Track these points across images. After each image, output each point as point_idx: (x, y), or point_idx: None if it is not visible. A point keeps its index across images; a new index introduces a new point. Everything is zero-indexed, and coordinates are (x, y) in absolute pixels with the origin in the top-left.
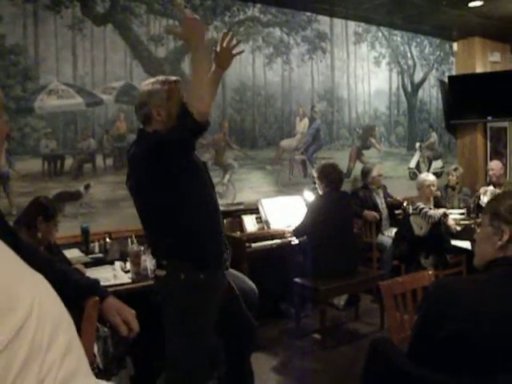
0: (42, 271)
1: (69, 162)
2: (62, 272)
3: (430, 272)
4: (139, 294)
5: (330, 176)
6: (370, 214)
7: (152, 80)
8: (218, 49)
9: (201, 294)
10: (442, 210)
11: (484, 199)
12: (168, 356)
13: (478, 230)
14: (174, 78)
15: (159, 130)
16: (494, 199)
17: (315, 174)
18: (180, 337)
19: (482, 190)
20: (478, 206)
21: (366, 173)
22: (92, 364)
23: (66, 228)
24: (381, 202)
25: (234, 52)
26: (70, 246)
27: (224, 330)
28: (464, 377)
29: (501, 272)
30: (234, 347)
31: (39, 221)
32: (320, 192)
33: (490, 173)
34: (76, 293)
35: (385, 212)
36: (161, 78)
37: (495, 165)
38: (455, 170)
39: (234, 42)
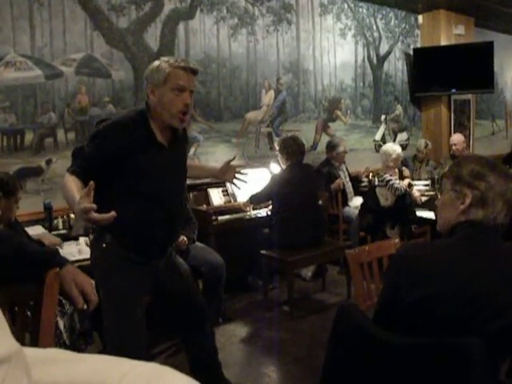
0: None
1: (29, 136)
2: (18, 245)
3: (396, 240)
4: None
5: (291, 149)
6: (335, 183)
7: (166, 58)
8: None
9: (119, 265)
10: (406, 181)
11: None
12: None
13: (440, 196)
14: (184, 63)
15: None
16: (456, 164)
17: (276, 148)
18: (104, 304)
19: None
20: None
21: (332, 147)
22: (58, 340)
23: (28, 204)
24: (344, 175)
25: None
26: (32, 222)
27: (171, 309)
28: (429, 339)
29: (464, 235)
30: (184, 326)
31: None
32: (282, 165)
33: (453, 148)
34: (33, 265)
35: (348, 185)
36: (176, 58)
37: (457, 139)
38: (426, 146)
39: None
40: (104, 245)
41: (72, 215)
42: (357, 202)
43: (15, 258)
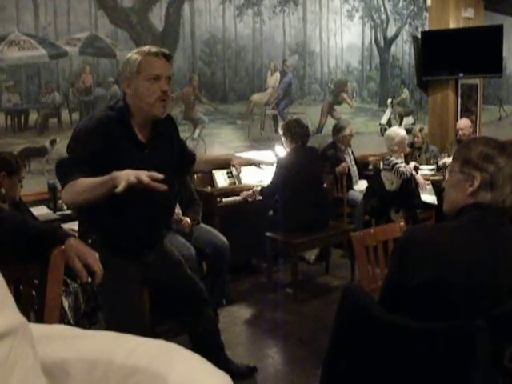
0: None
1: (33, 116)
2: (20, 224)
3: (402, 223)
4: None
5: (295, 130)
6: (340, 167)
7: (140, 48)
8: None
9: (106, 260)
10: (412, 164)
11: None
12: None
13: (447, 177)
14: (155, 49)
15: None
16: (464, 146)
17: (280, 132)
18: (100, 299)
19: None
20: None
21: (338, 129)
22: (63, 319)
23: (32, 185)
24: (349, 158)
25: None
26: (37, 203)
27: (168, 298)
28: (434, 323)
29: (472, 218)
30: (184, 312)
31: (2, 176)
32: (287, 149)
33: (460, 133)
34: (36, 242)
35: (354, 169)
36: (147, 47)
37: (464, 124)
38: (420, 130)
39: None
40: (90, 241)
41: None
42: (362, 185)
43: (17, 236)
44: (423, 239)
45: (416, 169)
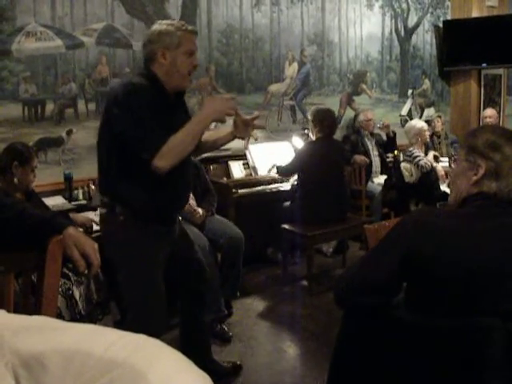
0: None
1: (50, 107)
2: (20, 211)
3: None
4: None
5: (326, 121)
6: (359, 157)
7: (168, 21)
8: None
9: (141, 236)
10: (431, 154)
11: None
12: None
13: (453, 166)
14: (191, 27)
15: (156, 77)
16: (471, 133)
17: (310, 117)
18: (126, 278)
19: None
20: None
21: (355, 115)
22: (73, 309)
23: (48, 175)
24: (372, 148)
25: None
26: (53, 193)
27: (174, 278)
28: (445, 320)
29: (477, 208)
30: (187, 293)
31: (14, 166)
32: (312, 137)
33: (487, 120)
34: (34, 229)
35: (376, 159)
36: (178, 22)
37: (491, 113)
38: (439, 117)
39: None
40: (122, 217)
41: (92, 186)
42: (382, 179)
43: (16, 225)
44: (433, 228)
45: (436, 158)
